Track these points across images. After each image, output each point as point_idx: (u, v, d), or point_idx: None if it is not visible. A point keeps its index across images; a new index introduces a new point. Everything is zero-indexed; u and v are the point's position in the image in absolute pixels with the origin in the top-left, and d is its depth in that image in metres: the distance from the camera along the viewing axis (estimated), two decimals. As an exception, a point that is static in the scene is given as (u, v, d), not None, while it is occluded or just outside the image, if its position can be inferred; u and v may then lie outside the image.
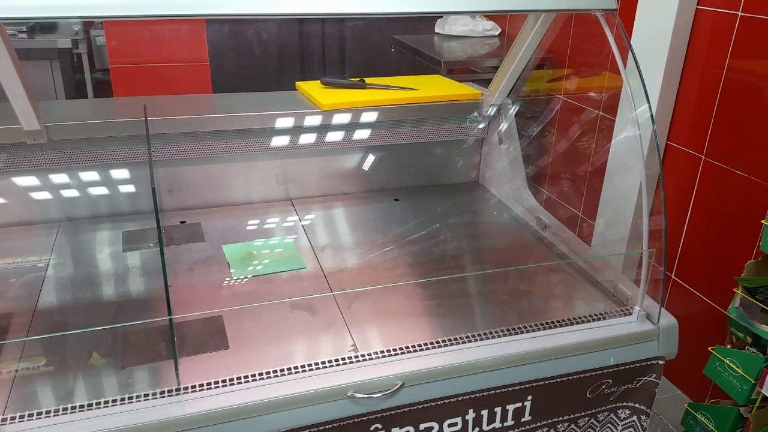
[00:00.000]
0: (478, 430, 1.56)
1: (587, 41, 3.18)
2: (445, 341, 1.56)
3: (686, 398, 2.80)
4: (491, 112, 2.35)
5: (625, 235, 2.73)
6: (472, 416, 1.54)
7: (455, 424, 1.53)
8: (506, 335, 1.60)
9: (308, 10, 1.42)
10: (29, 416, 1.29)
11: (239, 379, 1.41)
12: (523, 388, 1.56)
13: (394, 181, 2.44)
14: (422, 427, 1.50)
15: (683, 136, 2.69)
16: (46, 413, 1.30)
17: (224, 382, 1.39)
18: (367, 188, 2.41)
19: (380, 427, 1.46)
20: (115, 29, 3.15)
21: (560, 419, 1.66)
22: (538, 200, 2.29)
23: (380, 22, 4.48)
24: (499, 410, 1.56)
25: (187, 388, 1.37)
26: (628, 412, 1.73)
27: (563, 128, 3.50)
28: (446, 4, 1.55)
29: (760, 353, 1.95)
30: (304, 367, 1.45)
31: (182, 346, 1.52)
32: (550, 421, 1.65)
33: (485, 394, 1.52)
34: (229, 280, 1.82)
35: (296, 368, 1.44)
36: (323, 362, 1.46)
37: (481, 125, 2.40)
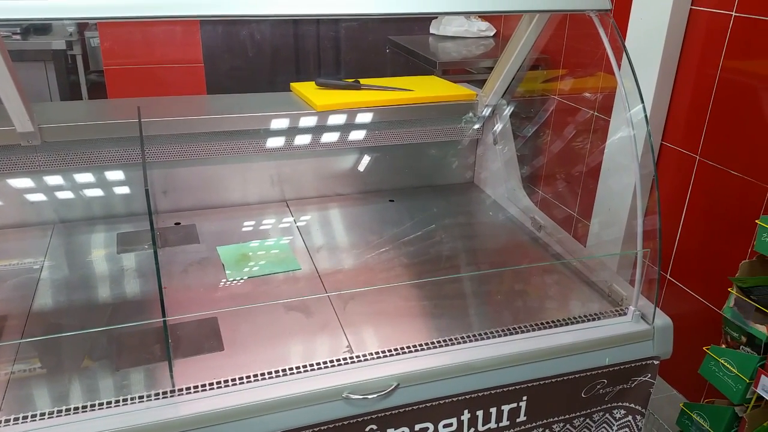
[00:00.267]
0: (473, 430, 1.56)
1: (582, 42, 3.18)
2: (440, 342, 1.56)
3: (681, 398, 2.80)
4: (486, 112, 2.35)
5: (620, 235, 2.73)
6: (467, 417, 1.54)
7: (450, 424, 1.53)
8: (501, 336, 1.60)
9: (302, 11, 1.43)
10: (23, 418, 1.29)
11: (234, 380, 1.40)
12: (518, 388, 1.56)
13: (389, 182, 2.44)
14: (417, 427, 1.50)
15: (678, 136, 2.70)
16: (40, 415, 1.30)
17: (219, 383, 1.39)
18: (362, 189, 2.41)
19: (375, 428, 1.46)
20: (108, 30, 3.14)
21: (555, 419, 1.66)
22: (533, 201, 2.29)
23: (375, 23, 4.48)
24: (494, 411, 1.56)
25: (181, 389, 1.37)
26: (623, 412, 1.73)
27: (558, 129, 3.51)
28: (441, 4, 1.55)
29: (754, 353, 1.95)
30: (299, 368, 1.45)
31: (177, 347, 1.52)
32: (545, 421, 1.65)
33: (480, 394, 1.53)
34: (223, 281, 1.82)
35: (291, 369, 1.44)
36: (318, 363, 1.46)
37: (476, 126, 2.40)
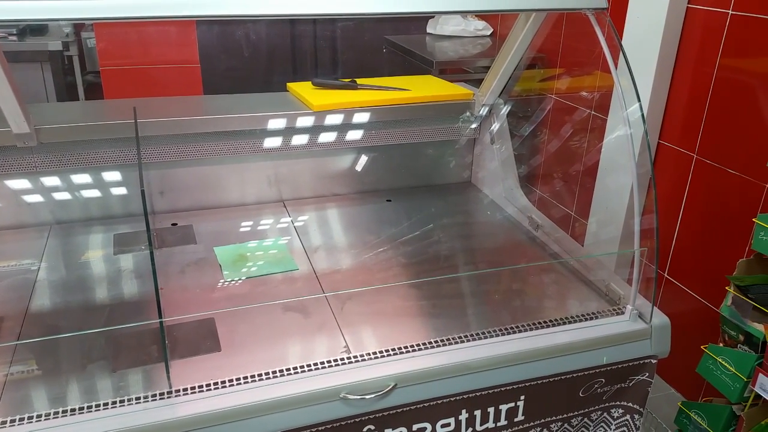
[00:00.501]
0: (471, 430, 1.56)
1: (578, 40, 3.18)
2: (437, 342, 1.56)
3: (679, 397, 2.80)
4: (483, 112, 2.35)
5: (617, 234, 2.73)
6: (465, 416, 1.53)
7: (448, 424, 1.53)
8: (499, 335, 1.60)
9: (299, 11, 1.42)
10: (20, 420, 1.29)
11: (231, 381, 1.40)
12: (516, 388, 1.56)
13: (386, 181, 2.44)
14: (415, 427, 1.50)
15: (675, 134, 2.70)
16: (37, 417, 1.29)
17: (216, 384, 1.39)
18: (359, 189, 2.41)
19: (373, 428, 1.46)
20: (104, 31, 3.14)
21: (553, 419, 1.66)
22: (530, 200, 2.29)
23: (371, 22, 4.47)
24: (492, 410, 1.56)
25: (179, 390, 1.37)
26: (621, 411, 1.73)
27: (555, 128, 3.51)
28: (438, 4, 1.55)
29: (752, 351, 1.95)
30: (296, 368, 1.45)
31: (174, 348, 1.52)
32: (543, 420, 1.65)
33: (478, 394, 1.52)
34: (221, 282, 1.82)
35: (288, 370, 1.44)
36: (316, 364, 1.46)
37: (473, 125, 2.40)
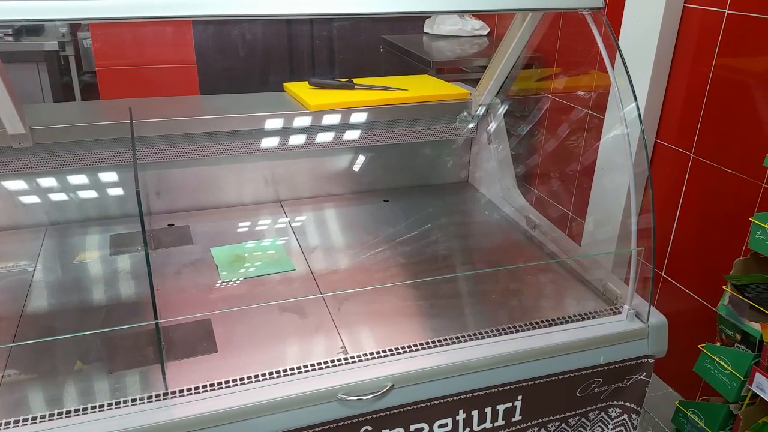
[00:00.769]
0: (468, 430, 1.55)
1: (575, 40, 3.18)
2: (434, 342, 1.55)
3: (677, 396, 2.81)
4: (480, 111, 2.35)
5: (614, 233, 2.73)
6: (462, 417, 1.53)
7: (446, 425, 1.52)
8: (496, 335, 1.60)
9: (295, 10, 1.42)
10: (15, 422, 1.28)
11: (228, 382, 1.40)
12: (513, 387, 1.56)
13: (383, 181, 2.44)
14: (413, 428, 1.50)
15: (672, 134, 2.70)
16: (32, 419, 1.29)
17: (212, 386, 1.39)
18: (356, 189, 2.41)
19: (370, 429, 1.45)
20: (100, 31, 3.13)
21: (551, 419, 1.66)
22: (527, 200, 2.29)
23: (368, 22, 4.47)
24: (489, 410, 1.56)
25: (174, 392, 1.36)
26: (618, 410, 1.73)
27: (552, 127, 3.51)
28: (434, 3, 1.55)
29: (749, 350, 1.95)
30: (293, 369, 1.44)
31: (170, 349, 1.51)
32: (540, 420, 1.65)
33: (476, 394, 1.52)
34: (217, 283, 1.81)
35: (285, 371, 1.44)
36: (313, 365, 1.46)
37: (470, 125, 2.40)
